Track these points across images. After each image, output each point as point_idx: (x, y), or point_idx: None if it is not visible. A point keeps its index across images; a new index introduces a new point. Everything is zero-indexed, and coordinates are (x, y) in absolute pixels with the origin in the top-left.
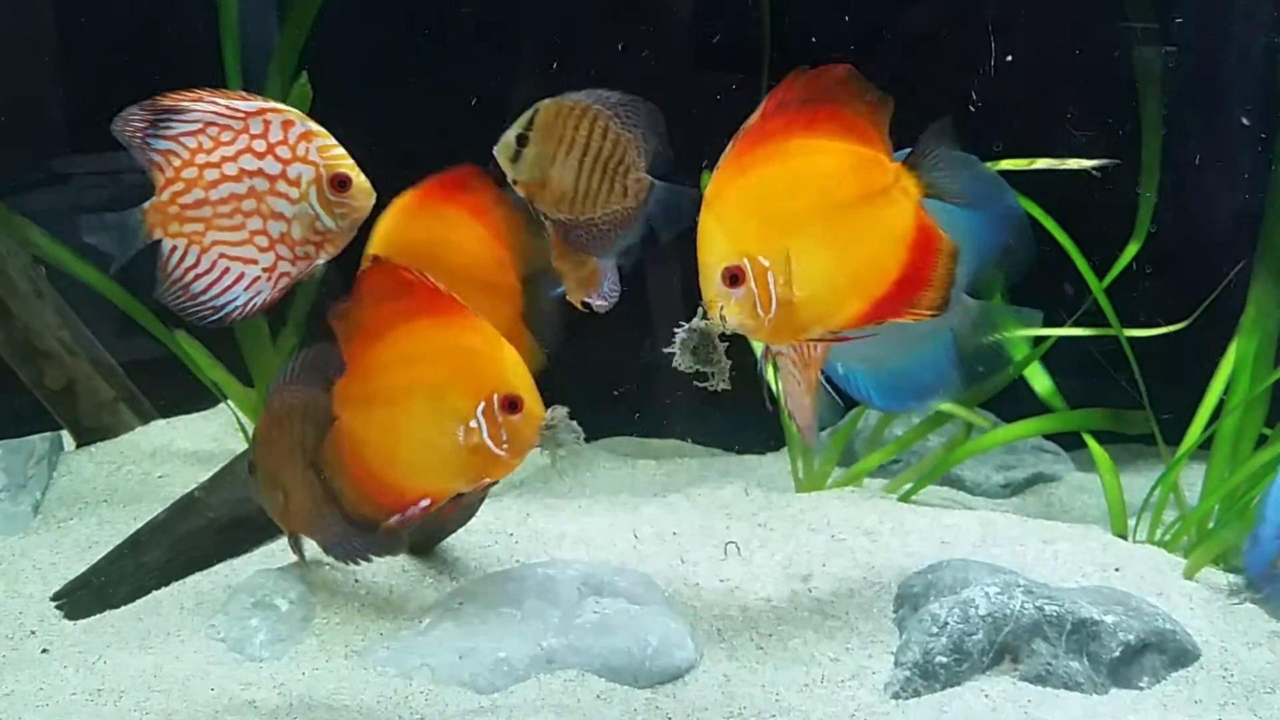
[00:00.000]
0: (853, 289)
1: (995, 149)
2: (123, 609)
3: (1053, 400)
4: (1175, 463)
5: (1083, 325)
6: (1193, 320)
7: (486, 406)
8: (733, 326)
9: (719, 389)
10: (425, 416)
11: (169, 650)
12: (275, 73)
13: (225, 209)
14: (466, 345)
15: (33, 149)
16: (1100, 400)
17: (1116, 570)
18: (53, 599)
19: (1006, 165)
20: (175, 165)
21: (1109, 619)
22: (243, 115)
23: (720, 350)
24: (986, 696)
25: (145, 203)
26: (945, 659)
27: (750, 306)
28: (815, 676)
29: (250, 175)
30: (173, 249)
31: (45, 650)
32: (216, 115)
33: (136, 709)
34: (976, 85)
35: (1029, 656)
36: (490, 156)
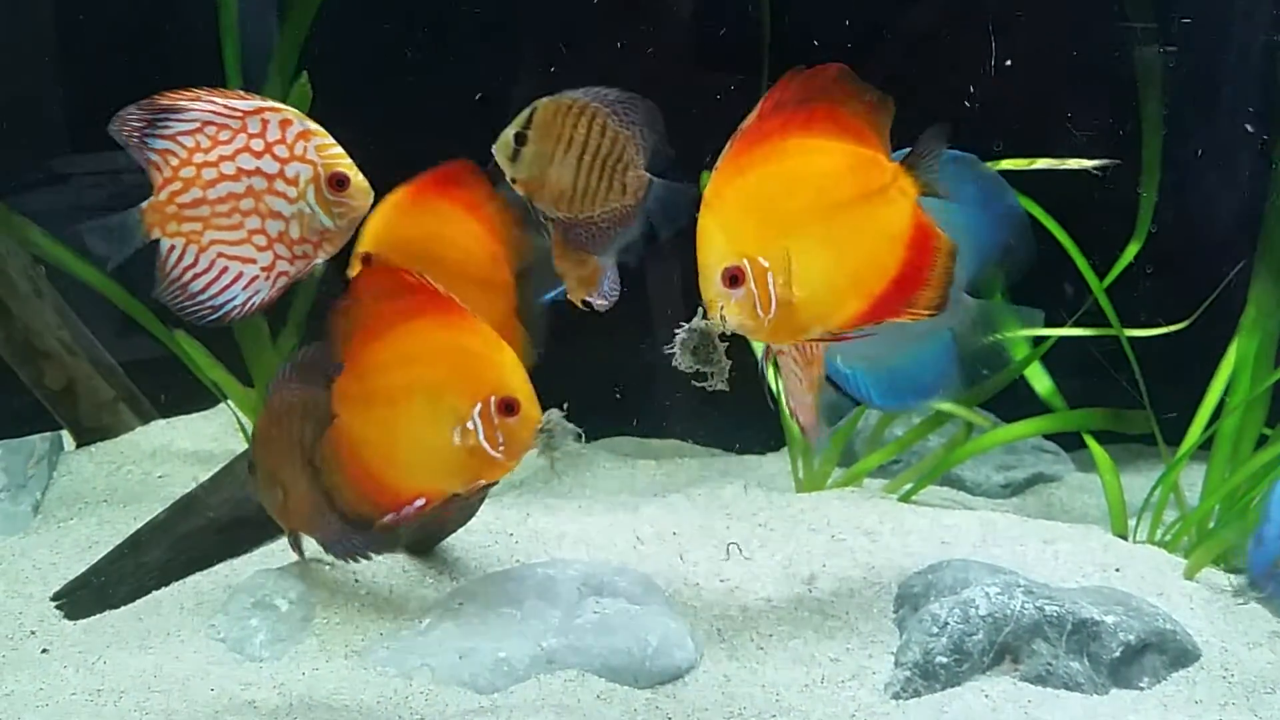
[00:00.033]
0: (851, 289)
1: (996, 148)
2: (123, 609)
3: (1053, 400)
4: (1176, 463)
5: (1083, 325)
6: (1193, 320)
7: (483, 408)
8: (733, 327)
9: (717, 389)
10: (422, 416)
11: (169, 650)
12: (275, 72)
13: (223, 208)
14: (465, 347)
15: (33, 149)
16: (1100, 400)
17: (1117, 570)
18: (53, 599)
19: (1007, 165)
20: (173, 165)
21: (1109, 619)
22: (240, 114)
23: (720, 350)
24: (987, 697)
25: (143, 202)
26: (945, 659)
27: (750, 307)
28: (815, 677)
29: (248, 174)
30: (171, 248)
31: (45, 650)
32: (214, 114)
33: (136, 709)
34: (977, 85)
35: (1029, 657)
36: (489, 156)
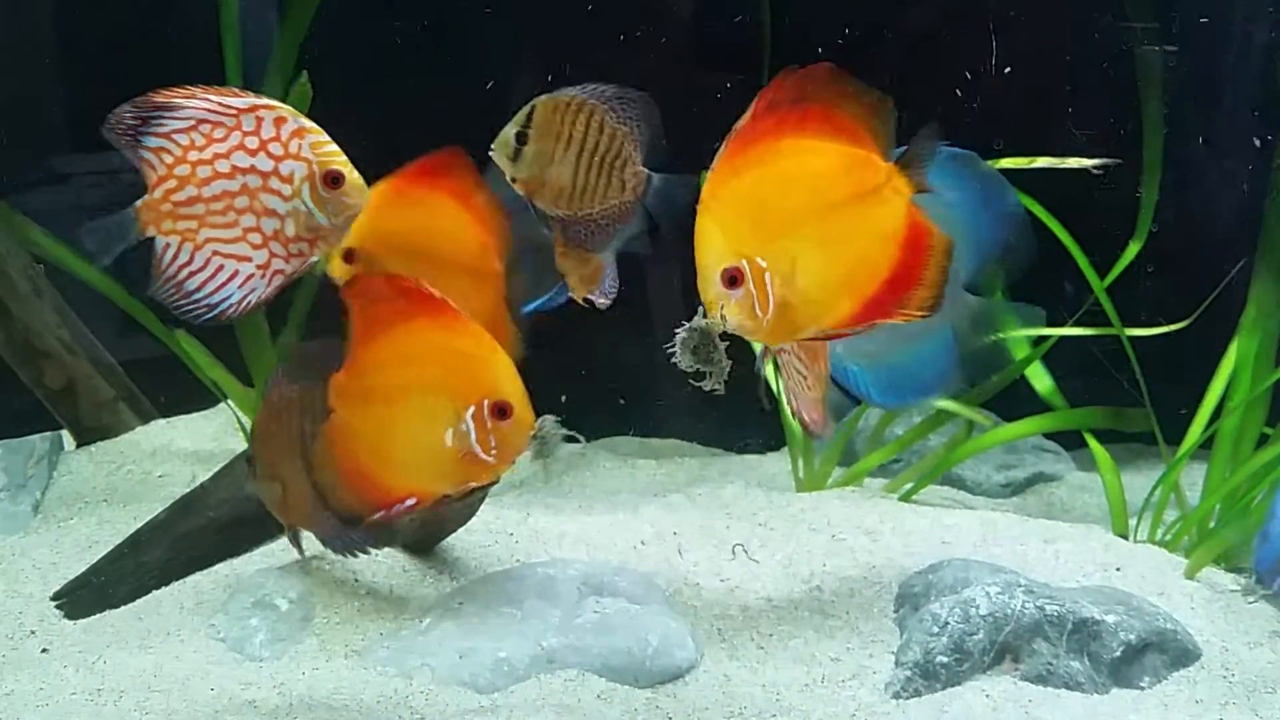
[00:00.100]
0: (846, 288)
1: (996, 148)
2: (123, 609)
3: (1054, 399)
4: (1176, 462)
5: (1084, 324)
6: (1193, 319)
7: (476, 411)
8: (732, 327)
9: (714, 389)
10: (416, 417)
11: (169, 650)
12: (274, 71)
13: (218, 206)
14: (460, 349)
15: (33, 148)
16: (1101, 400)
17: (1117, 570)
18: (53, 599)
19: (1007, 164)
20: (168, 163)
21: (1110, 619)
22: (235, 112)
23: (721, 350)
24: (987, 696)
25: (138, 200)
26: (946, 659)
27: (749, 307)
28: (816, 676)
29: (243, 172)
30: (166, 246)
31: (45, 650)
32: (209, 112)
33: (136, 709)
34: (977, 84)
35: (1030, 656)
36: (489, 155)
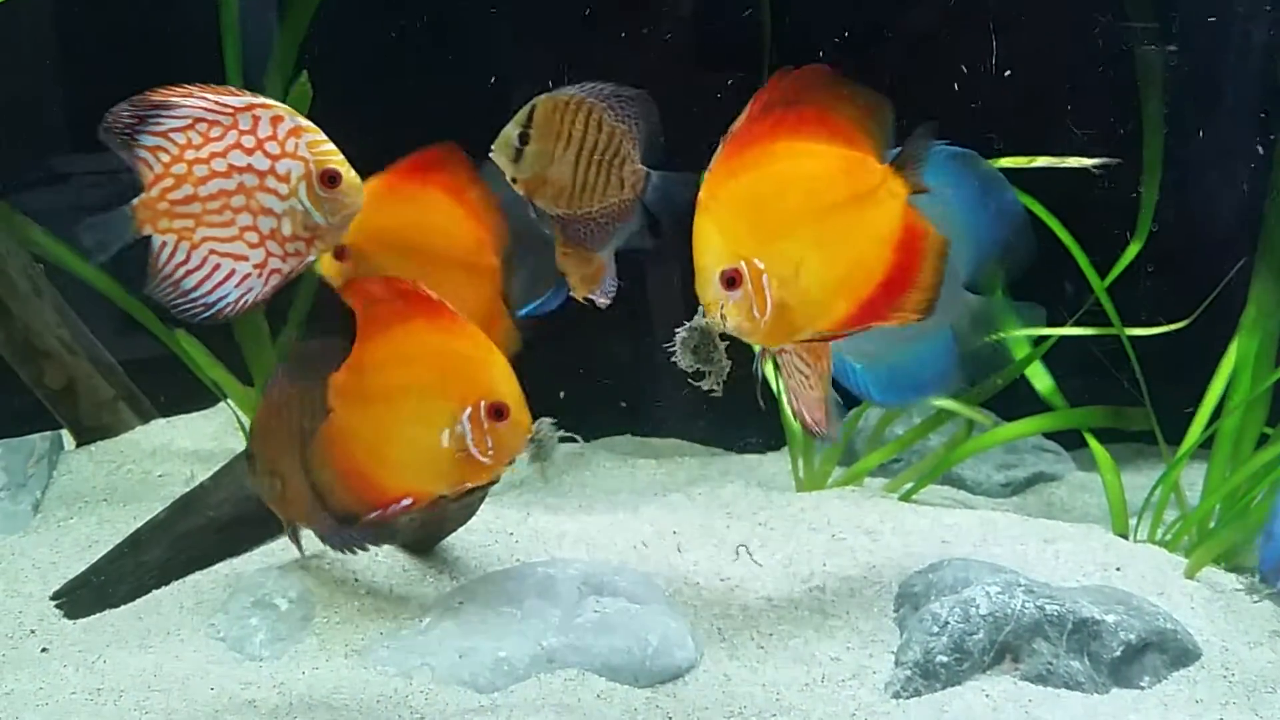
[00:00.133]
0: (842, 290)
1: (997, 147)
2: (122, 608)
3: (1054, 399)
4: (1176, 462)
5: (1084, 324)
6: (1193, 319)
7: (473, 412)
8: (730, 329)
9: (712, 390)
10: (413, 417)
11: (169, 649)
12: (274, 71)
13: (215, 205)
14: (457, 350)
15: (33, 148)
16: (1101, 399)
17: (1117, 570)
18: (52, 598)
19: (1006, 163)
20: (164, 161)
21: (1110, 618)
22: (231, 111)
23: (721, 349)
24: (987, 696)
25: (135, 199)
26: (946, 658)
27: (747, 309)
28: (816, 676)
29: (239, 171)
30: (163, 245)
31: (45, 649)
32: (205, 111)
33: (136, 708)
34: (977, 84)
35: (1030, 656)
36: (487, 154)
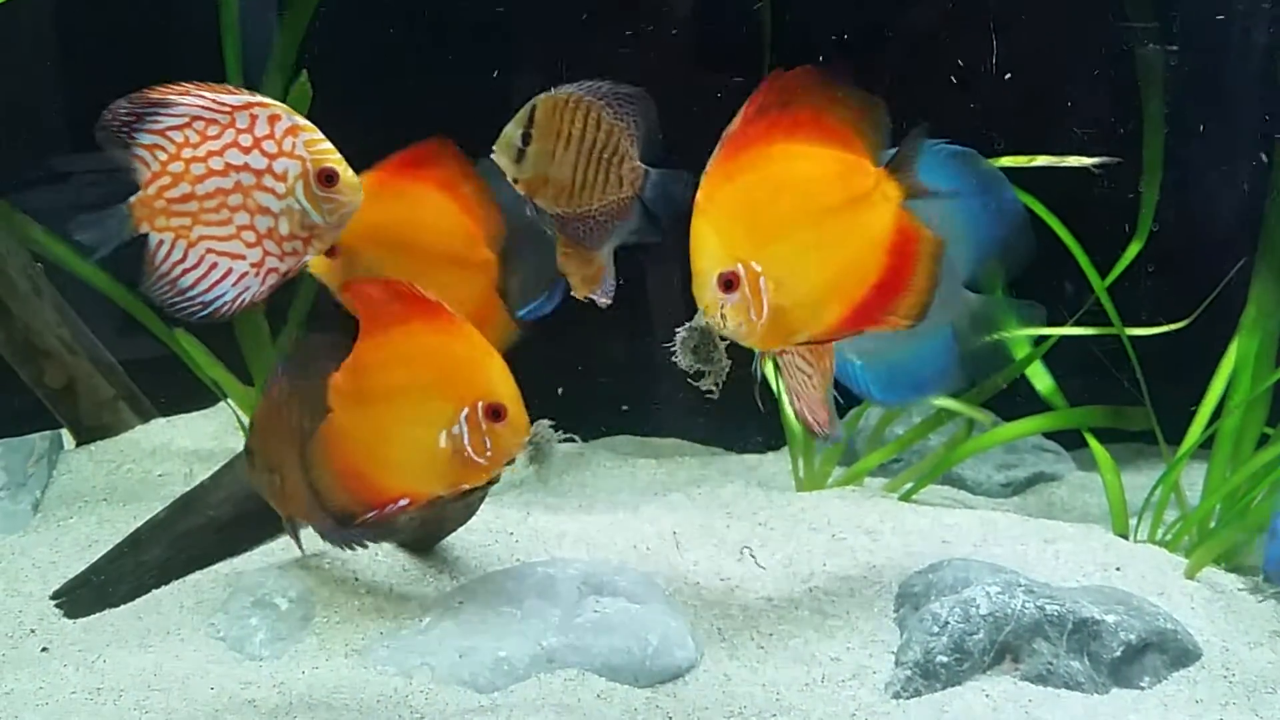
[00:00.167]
0: (836, 294)
1: (997, 147)
2: (122, 607)
3: (1054, 399)
4: (1176, 462)
5: (1084, 324)
6: (1194, 319)
7: (470, 413)
8: (728, 332)
9: (709, 391)
10: (411, 418)
11: (169, 649)
12: (274, 71)
13: (212, 204)
14: (455, 352)
15: (33, 147)
16: (1101, 400)
17: (1118, 570)
18: (52, 597)
19: (1006, 162)
20: (161, 159)
21: (1110, 618)
22: (229, 109)
23: (721, 349)
24: (987, 696)
25: (132, 196)
26: (946, 658)
27: (744, 311)
28: (816, 676)
29: (236, 170)
30: (160, 243)
31: (45, 649)
32: (203, 109)
33: (136, 708)
34: (978, 84)
35: (1030, 656)
36: (484, 153)
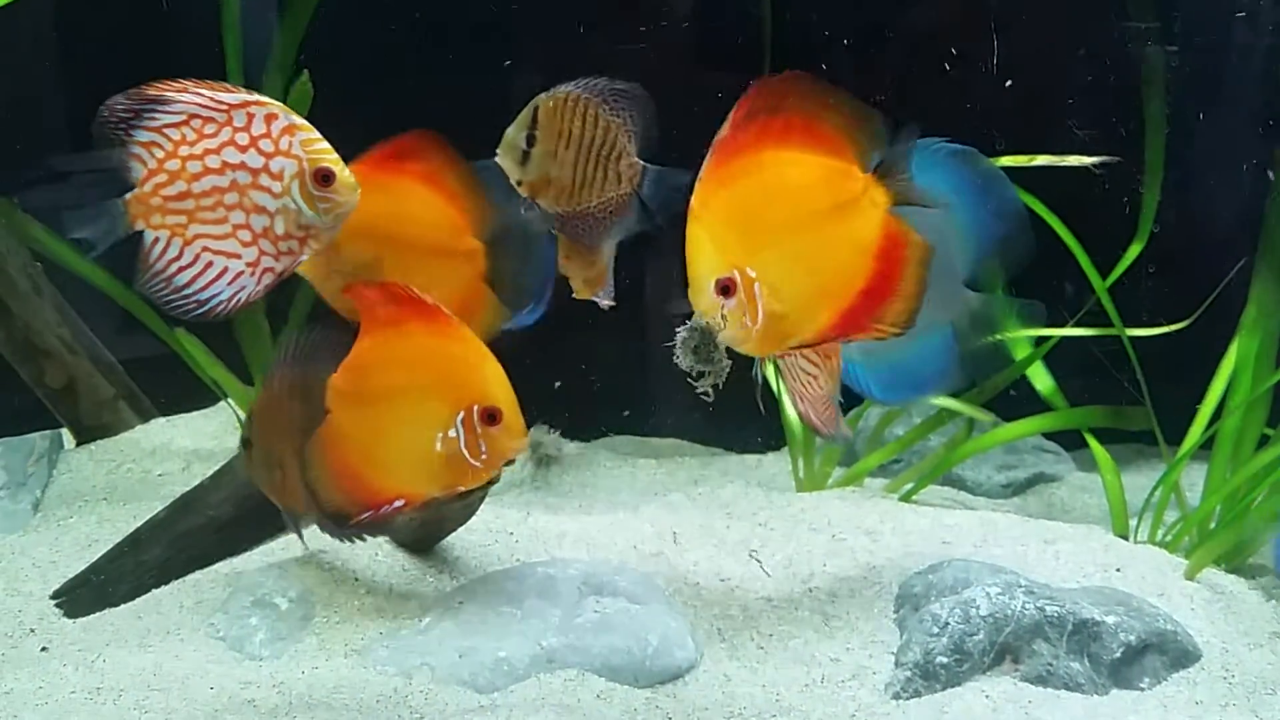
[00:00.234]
0: (826, 299)
1: (998, 147)
2: (122, 607)
3: (1054, 399)
4: (1176, 463)
5: (1085, 324)
6: (1194, 320)
7: (466, 417)
8: (725, 338)
9: (705, 393)
10: (407, 420)
11: (168, 649)
12: (274, 70)
13: (208, 202)
14: (452, 355)
15: (33, 147)
16: (1102, 400)
17: (1118, 571)
18: (52, 597)
19: (1006, 161)
20: (159, 157)
21: (1110, 619)
22: (226, 107)
23: (721, 350)
24: (987, 697)
25: (128, 193)
26: (946, 659)
27: (739, 317)
28: (816, 676)
29: (233, 168)
30: (155, 241)
31: (44, 648)
32: (200, 107)
33: (136, 707)
34: (978, 84)
35: (1030, 657)
36: (483, 153)
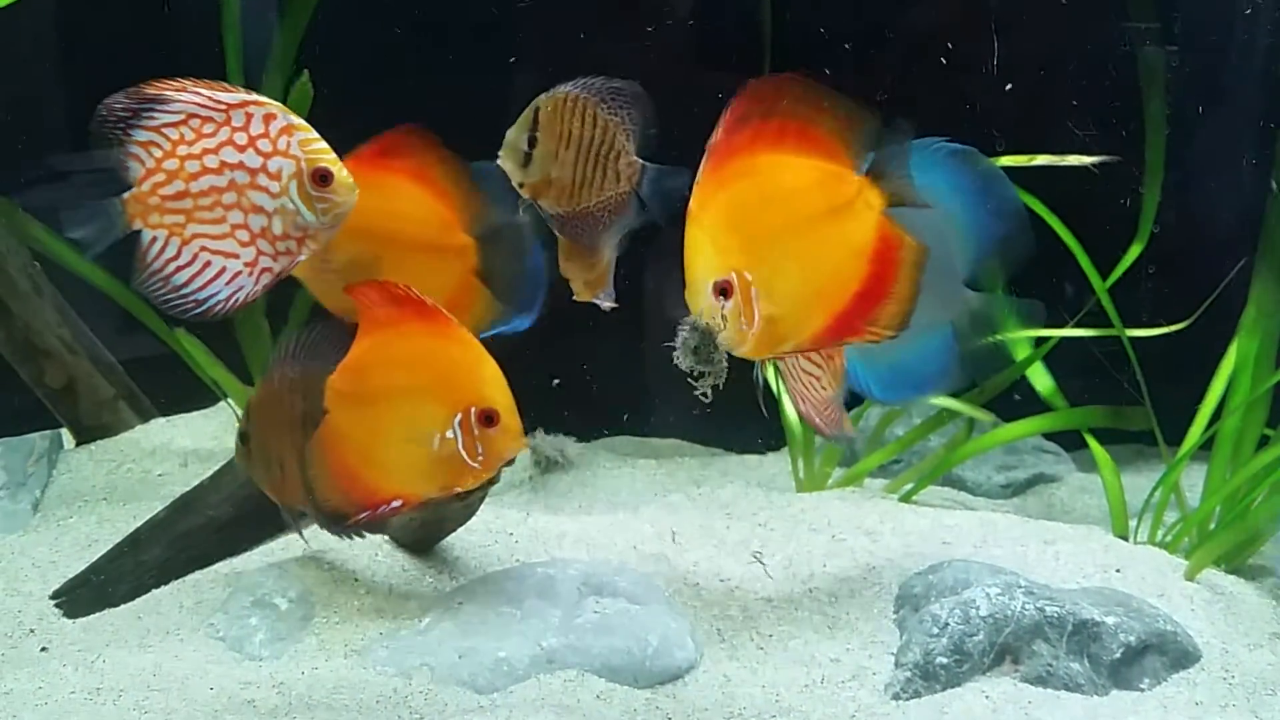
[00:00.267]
0: (821, 302)
1: (998, 147)
2: (122, 607)
3: (1054, 400)
4: (1176, 464)
5: (1085, 325)
6: (1194, 320)
7: (463, 418)
8: (722, 341)
9: (703, 394)
10: (405, 421)
11: (168, 649)
12: (274, 70)
13: (206, 201)
14: (450, 356)
15: (33, 146)
16: (1102, 400)
17: (1117, 571)
18: (52, 597)
19: (1006, 161)
20: (157, 156)
21: (1110, 620)
22: (224, 107)
23: (721, 350)
24: (987, 697)
25: (126, 192)
26: (946, 660)
27: (736, 319)
28: (815, 677)
29: (231, 168)
30: (153, 240)
31: (44, 649)
32: (199, 107)
33: (135, 708)
34: (978, 84)
35: (1030, 657)
36: (483, 153)
